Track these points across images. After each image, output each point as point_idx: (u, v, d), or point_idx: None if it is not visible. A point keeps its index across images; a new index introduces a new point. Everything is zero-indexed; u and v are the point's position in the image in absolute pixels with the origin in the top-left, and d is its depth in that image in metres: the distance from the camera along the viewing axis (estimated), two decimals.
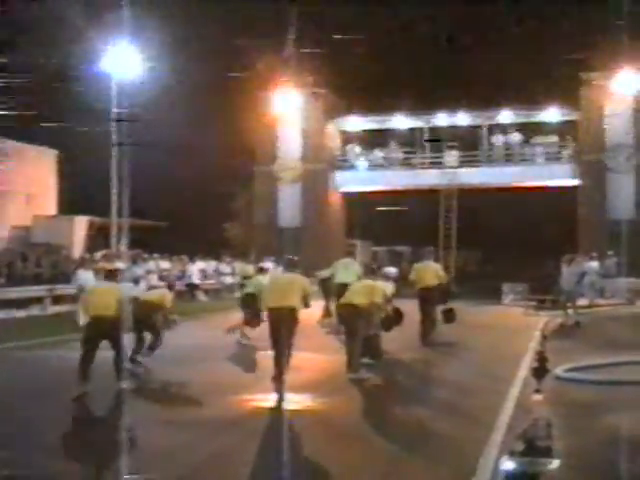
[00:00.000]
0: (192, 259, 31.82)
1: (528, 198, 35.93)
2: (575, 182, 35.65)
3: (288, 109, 37.29)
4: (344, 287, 14.65)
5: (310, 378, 12.42)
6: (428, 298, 16.89)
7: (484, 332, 19.41)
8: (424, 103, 36.36)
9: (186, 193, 37.62)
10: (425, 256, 18.34)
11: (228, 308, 21.09)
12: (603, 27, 30.40)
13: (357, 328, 12.49)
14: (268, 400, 10.76)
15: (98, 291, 11.80)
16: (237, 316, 17.17)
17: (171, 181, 35.14)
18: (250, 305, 15.68)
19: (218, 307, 24.96)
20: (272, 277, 15.08)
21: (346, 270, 18.88)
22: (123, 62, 28.02)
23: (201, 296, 30.43)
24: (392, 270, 15.44)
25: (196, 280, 30.81)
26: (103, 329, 11.22)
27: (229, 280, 31.41)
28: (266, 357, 12.31)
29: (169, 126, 32.22)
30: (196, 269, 31.54)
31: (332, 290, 18.84)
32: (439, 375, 13.31)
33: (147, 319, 13.18)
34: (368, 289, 12.99)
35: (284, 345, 11.41)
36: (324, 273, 20.39)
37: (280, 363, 11.40)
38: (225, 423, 9.49)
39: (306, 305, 11.85)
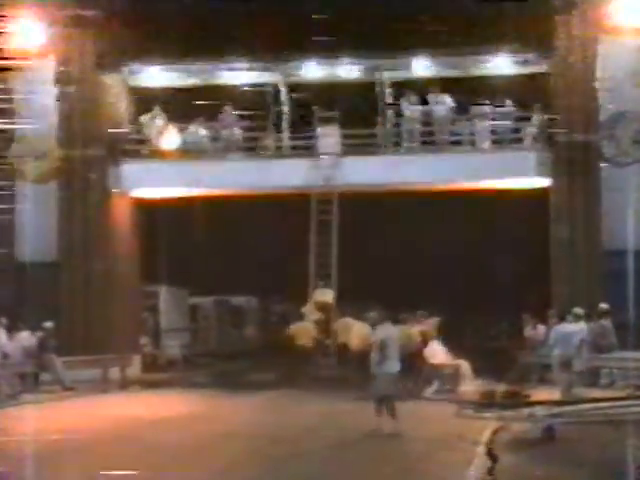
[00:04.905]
0: None
1: (464, 209, 36.25)
2: (545, 182, 34.75)
3: (32, 49, 35.21)
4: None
5: None
6: None
7: (387, 449, 19.28)
8: (279, 42, 34.77)
9: None
10: None
11: None
12: None
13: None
14: None
15: None
16: None
17: None
18: None
19: None
20: None
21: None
22: None
23: None
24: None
25: None
26: None
27: None
28: None
29: None
30: None
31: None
32: None
33: None
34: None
35: None
36: None
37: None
38: None
39: None
